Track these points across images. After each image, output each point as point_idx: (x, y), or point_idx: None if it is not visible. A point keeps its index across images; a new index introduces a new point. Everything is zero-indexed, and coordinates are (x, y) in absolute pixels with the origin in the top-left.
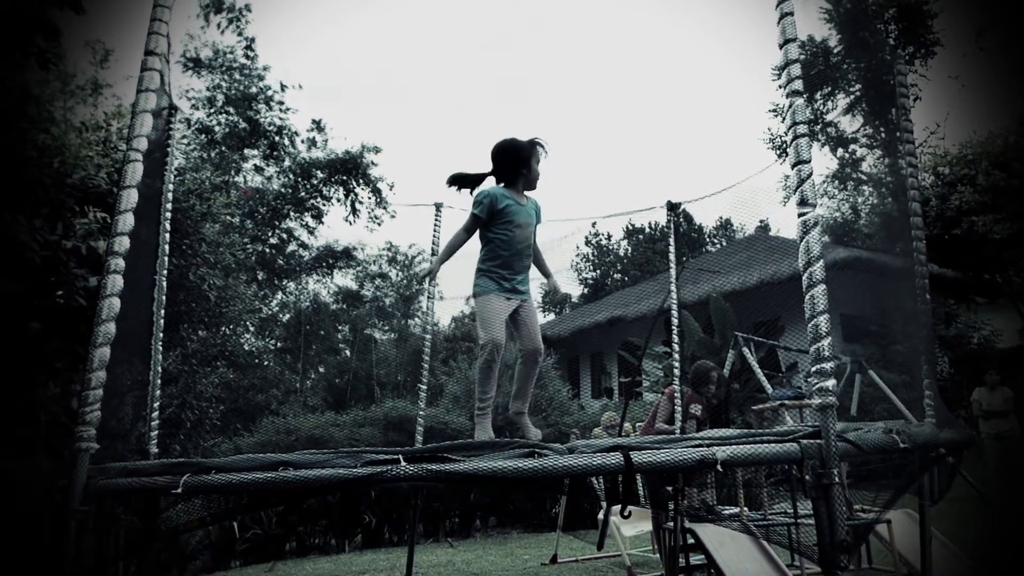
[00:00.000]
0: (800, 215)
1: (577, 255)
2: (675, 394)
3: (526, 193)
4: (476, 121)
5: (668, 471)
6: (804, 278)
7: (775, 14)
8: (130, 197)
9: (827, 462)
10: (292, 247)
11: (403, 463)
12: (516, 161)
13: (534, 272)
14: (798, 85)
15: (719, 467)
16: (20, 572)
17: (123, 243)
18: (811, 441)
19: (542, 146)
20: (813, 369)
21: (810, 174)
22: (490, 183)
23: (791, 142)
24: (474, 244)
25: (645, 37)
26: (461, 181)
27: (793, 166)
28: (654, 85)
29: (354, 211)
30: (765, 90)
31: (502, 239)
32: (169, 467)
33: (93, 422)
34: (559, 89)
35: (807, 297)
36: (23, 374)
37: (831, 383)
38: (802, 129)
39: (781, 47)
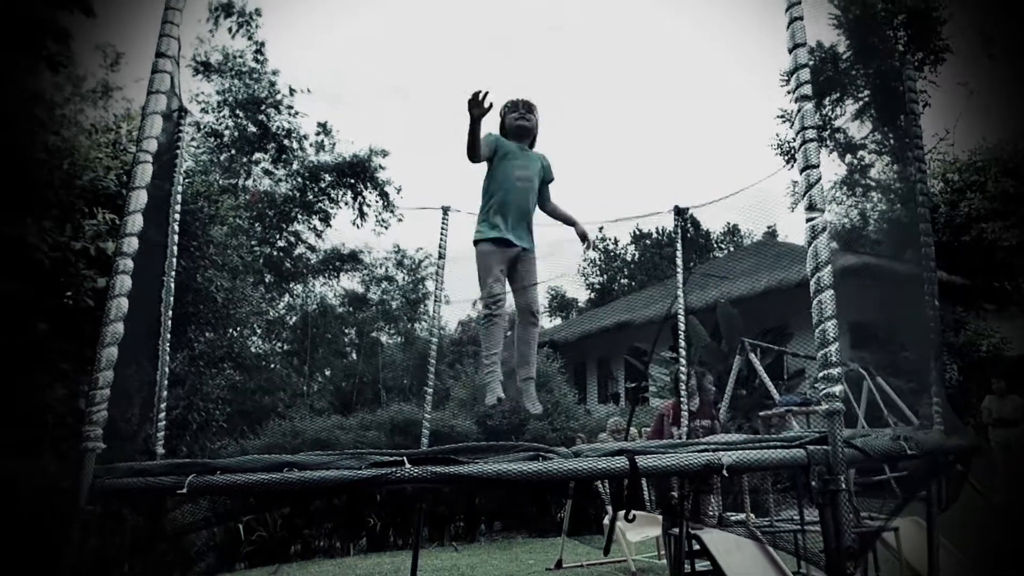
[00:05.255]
0: (808, 220)
1: (584, 260)
2: (679, 408)
3: (532, 149)
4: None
5: (674, 475)
6: (812, 283)
7: (784, 19)
8: (139, 198)
9: (834, 468)
10: (299, 250)
11: (408, 465)
12: (501, 122)
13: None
14: (807, 90)
15: (725, 472)
16: (25, 572)
17: (132, 244)
18: (818, 447)
19: (514, 102)
20: (820, 375)
21: (819, 179)
22: None
23: (800, 147)
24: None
25: (653, 41)
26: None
27: (802, 171)
28: (661, 90)
29: (362, 214)
30: (773, 96)
31: (498, 179)
32: (174, 467)
33: (100, 422)
34: (566, 92)
35: (815, 302)
36: (30, 375)
37: (838, 389)
38: (811, 134)
39: (790, 51)
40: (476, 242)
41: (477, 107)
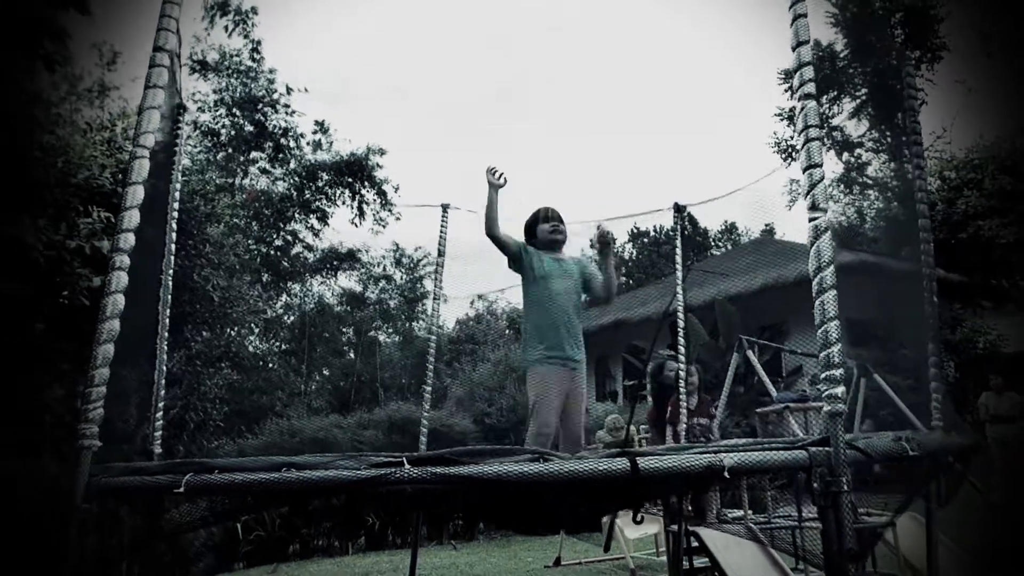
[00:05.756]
0: (811, 220)
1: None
2: (678, 407)
3: (569, 256)
4: (481, 123)
5: (676, 478)
6: (815, 283)
7: (785, 17)
8: (136, 194)
9: (836, 470)
10: (297, 249)
11: (407, 466)
12: (528, 229)
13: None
14: (811, 88)
15: (726, 475)
16: (24, 572)
17: (128, 240)
18: (820, 448)
19: (546, 215)
20: (823, 376)
21: (821, 178)
22: None
23: (803, 146)
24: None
25: (651, 39)
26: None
27: (804, 170)
28: (659, 87)
29: (360, 213)
30: (771, 94)
31: (541, 299)
32: (172, 466)
33: (96, 419)
34: (564, 91)
35: (817, 303)
36: (29, 375)
37: (840, 390)
38: (814, 132)
39: (794, 49)
40: (533, 362)
41: (494, 178)
